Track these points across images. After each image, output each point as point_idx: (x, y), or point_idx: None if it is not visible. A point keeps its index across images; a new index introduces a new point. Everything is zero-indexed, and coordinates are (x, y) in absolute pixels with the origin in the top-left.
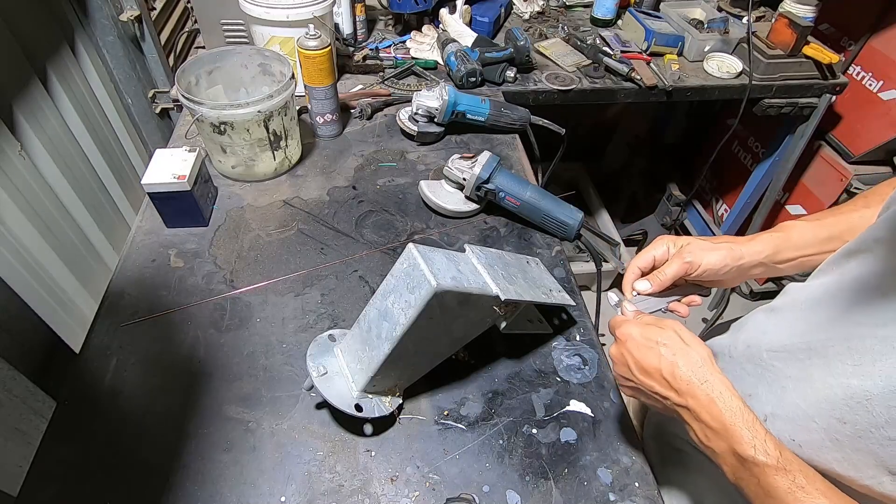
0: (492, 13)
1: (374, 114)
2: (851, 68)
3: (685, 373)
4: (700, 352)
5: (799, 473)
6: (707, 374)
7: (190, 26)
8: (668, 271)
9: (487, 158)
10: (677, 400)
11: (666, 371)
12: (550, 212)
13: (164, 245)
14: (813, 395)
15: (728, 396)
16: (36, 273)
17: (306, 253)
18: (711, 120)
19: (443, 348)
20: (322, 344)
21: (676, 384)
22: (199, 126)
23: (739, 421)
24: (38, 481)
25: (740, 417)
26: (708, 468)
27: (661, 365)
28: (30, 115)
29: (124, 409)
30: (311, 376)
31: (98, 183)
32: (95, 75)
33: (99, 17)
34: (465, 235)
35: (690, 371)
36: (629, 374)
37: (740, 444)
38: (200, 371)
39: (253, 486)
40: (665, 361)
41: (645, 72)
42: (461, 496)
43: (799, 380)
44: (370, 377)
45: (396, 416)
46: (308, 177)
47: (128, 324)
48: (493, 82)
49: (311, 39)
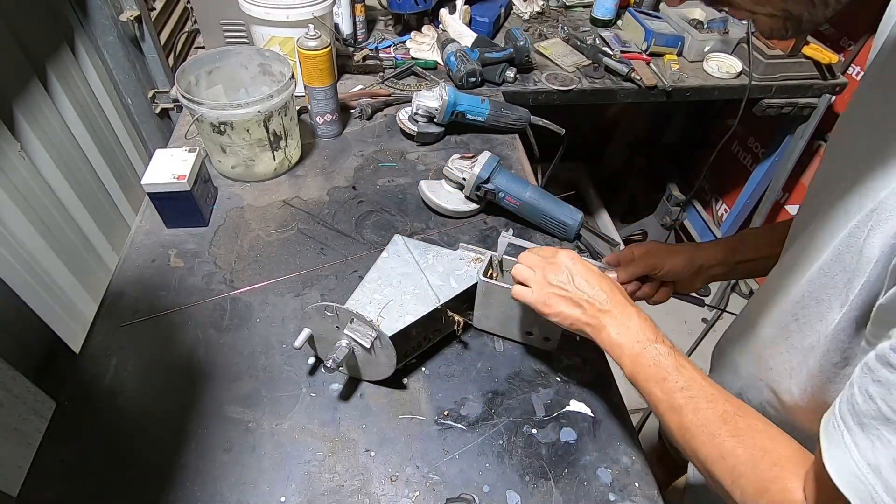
0: (491, 13)
1: (374, 114)
2: (851, 68)
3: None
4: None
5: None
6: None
7: (190, 26)
8: (632, 269)
9: (487, 158)
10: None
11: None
12: (550, 212)
13: (164, 245)
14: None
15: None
16: (36, 273)
17: (306, 253)
18: (711, 120)
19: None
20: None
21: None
22: (198, 126)
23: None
24: (38, 481)
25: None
26: None
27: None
28: (29, 115)
29: (124, 409)
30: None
31: (98, 183)
32: (95, 75)
33: (99, 18)
34: (464, 235)
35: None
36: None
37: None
38: (200, 371)
39: (253, 486)
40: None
41: (645, 72)
42: (461, 496)
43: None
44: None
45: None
46: (308, 177)
47: (128, 324)
48: (493, 82)
49: (311, 39)
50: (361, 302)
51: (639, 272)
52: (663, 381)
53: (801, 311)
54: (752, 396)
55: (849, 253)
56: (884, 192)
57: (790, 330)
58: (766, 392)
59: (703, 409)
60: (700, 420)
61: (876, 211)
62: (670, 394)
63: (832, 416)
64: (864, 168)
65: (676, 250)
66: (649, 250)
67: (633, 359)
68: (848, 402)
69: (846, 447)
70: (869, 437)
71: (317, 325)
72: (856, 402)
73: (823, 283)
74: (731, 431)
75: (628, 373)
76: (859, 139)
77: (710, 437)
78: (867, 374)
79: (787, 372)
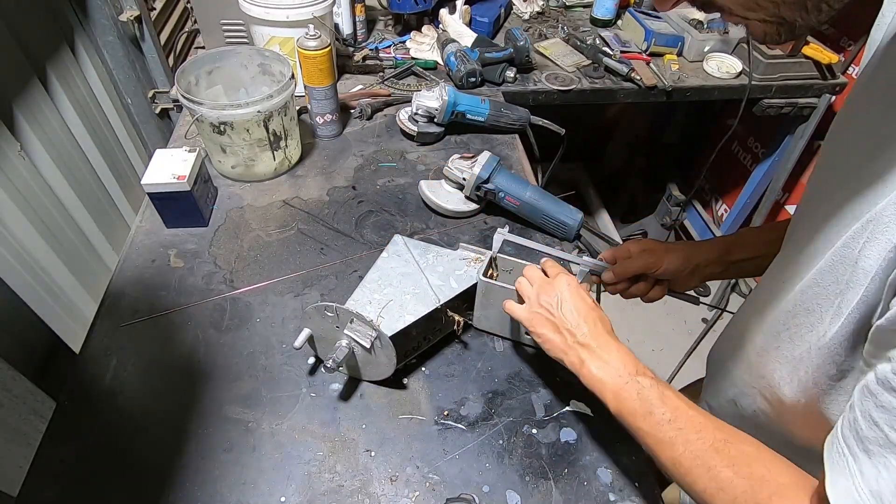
0: (491, 13)
1: (374, 114)
2: (851, 68)
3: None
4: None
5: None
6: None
7: (190, 26)
8: (629, 266)
9: (487, 158)
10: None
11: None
12: (550, 212)
13: (163, 245)
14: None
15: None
16: (36, 273)
17: (306, 253)
18: (711, 120)
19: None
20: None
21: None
22: (198, 126)
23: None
24: (38, 481)
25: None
26: None
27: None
28: (30, 115)
29: (124, 409)
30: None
31: (98, 183)
32: (95, 75)
33: (99, 18)
34: (464, 235)
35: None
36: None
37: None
38: (200, 371)
39: (253, 486)
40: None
41: (645, 72)
42: (461, 496)
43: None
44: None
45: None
46: (308, 177)
47: (128, 324)
48: (493, 82)
49: (311, 40)
50: (361, 302)
51: (636, 269)
52: (649, 414)
53: (793, 321)
54: (745, 404)
55: (843, 264)
56: (881, 203)
57: (781, 339)
58: (760, 400)
59: (694, 441)
60: (692, 452)
61: (872, 222)
62: (658, 427)
63: (836, 441)
64: (859, 177)
65: (673, 248)
66: (646, 248)
67: (616, 394)
68: (851, 426)
69: (850, 475)
70: (875, 466)
71: (317, 325)
72: (860, 427)
73: (816, 293)
74: (726, 462)
75: (613, 409)
76: (853, 147)
77: (706, 470)
78: (869, 399)
79: (779, 381)
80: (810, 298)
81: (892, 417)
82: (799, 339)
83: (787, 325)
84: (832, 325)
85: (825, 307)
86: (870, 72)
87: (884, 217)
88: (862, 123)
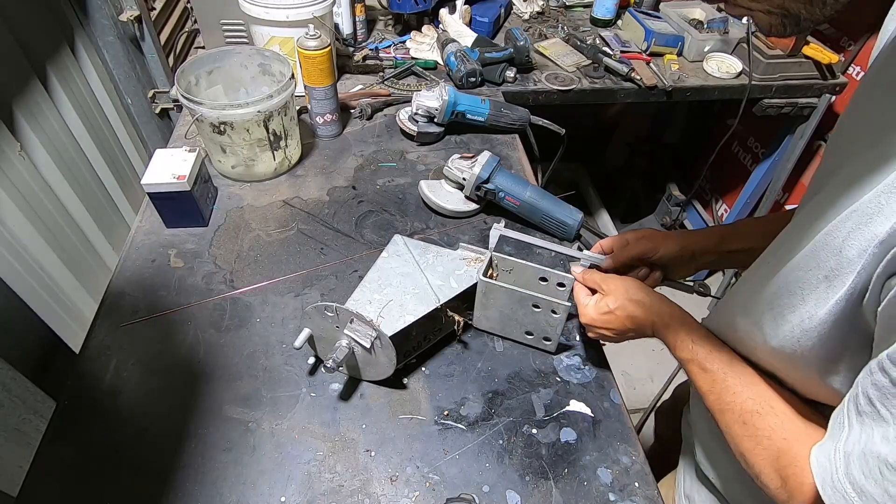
0: (492, 13)
1: (374, 114)
2: (851, 68)
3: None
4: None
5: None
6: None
7: (190, 26)
8: (627, 252)
9: (487, 158)
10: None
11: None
12: (550, 212)
13: (163, 245)
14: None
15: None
16: (36, 273)
17: (306, 253)
18: (711, 120)
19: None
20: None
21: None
22: (198, 126)
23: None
24: (38, 481)
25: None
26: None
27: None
28: (29, 115)
29: (124, 409)
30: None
31: (98, 183)
32: (95, 75)
33: (99, 18)
34: (464, 235)
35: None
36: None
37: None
38: (200, 371)
39: (253, 486)
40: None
41: (645, 72)
42: (461, 496)
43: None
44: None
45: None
46: (308, 177)
47: (128, 324)
48: (493, 82)
49: (311, 39)
50: (361, 302)
51: (633, 254)
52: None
53: (776, 301)
54: None
55: (825, 251)
56: (868, 193)
57: (764, 319)
58: None
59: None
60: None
61: (856, 212)
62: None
63: (840, 412)
64: (852, 168)
65: (670, 236)
66: (644, 235)
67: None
68: (854, 400)
69: (840, 440)
70: (860, 434)
71: (317, 325)
72: (860, 402)
73: (797, 277)
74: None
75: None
76: (855, 136)
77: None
78: (867, 377)
79: (765, 363)
80: (792, 282)
81: (883, 395)
82: (782, 319)
83: (770, 306)
84: (818, 310)
85: (807, 290)
86: (881, 61)
87: (868, 208)
88: (864, 117)
